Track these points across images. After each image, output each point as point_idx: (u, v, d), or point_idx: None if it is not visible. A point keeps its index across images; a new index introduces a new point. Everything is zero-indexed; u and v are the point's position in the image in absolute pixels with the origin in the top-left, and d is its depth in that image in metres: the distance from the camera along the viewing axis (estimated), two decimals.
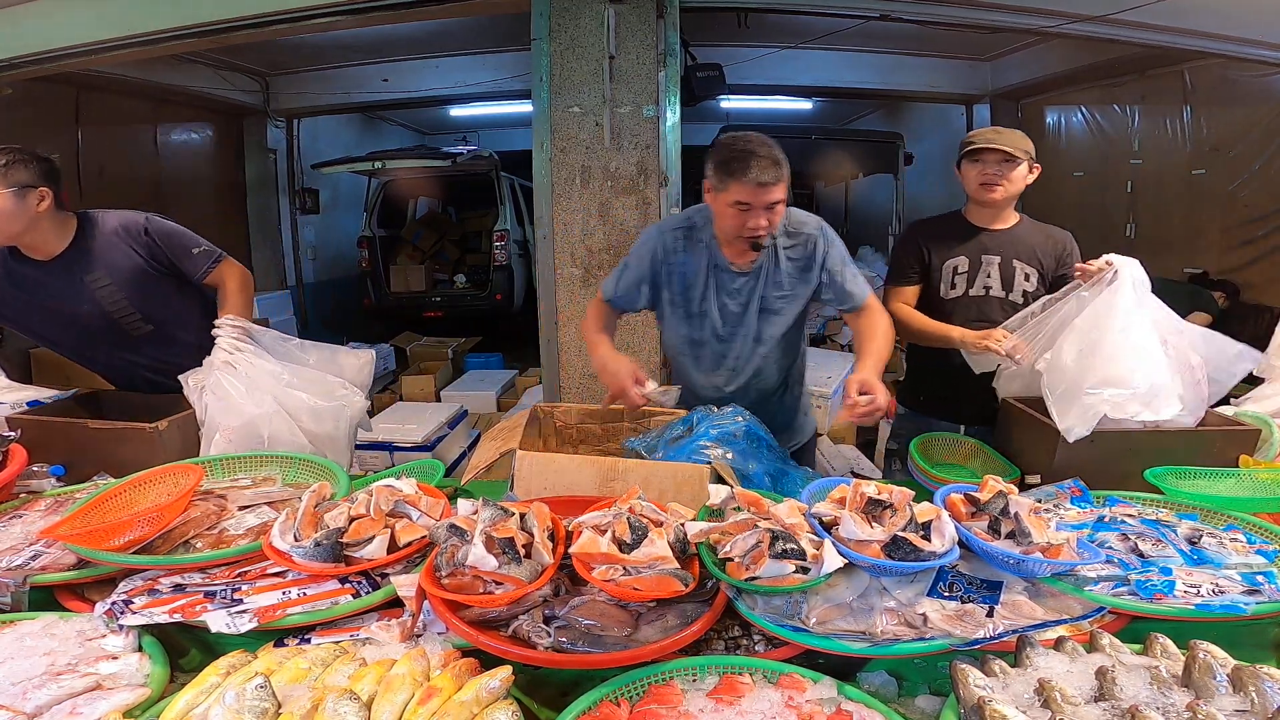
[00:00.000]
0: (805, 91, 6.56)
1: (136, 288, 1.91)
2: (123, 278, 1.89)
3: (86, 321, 1.91)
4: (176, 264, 1.94)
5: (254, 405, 1.67)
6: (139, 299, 1.92)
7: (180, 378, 1.75)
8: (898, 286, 2.13)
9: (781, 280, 1.84)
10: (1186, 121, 4.94)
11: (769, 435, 1.66)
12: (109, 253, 1.88)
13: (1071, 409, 1.53)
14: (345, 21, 3.49)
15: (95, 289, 1.87)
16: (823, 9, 3.70)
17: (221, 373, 1.69)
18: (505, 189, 7.31)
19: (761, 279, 1.83)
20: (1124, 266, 1.65)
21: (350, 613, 1.08)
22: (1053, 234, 2.08)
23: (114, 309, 1.90)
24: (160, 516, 1.24)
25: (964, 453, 1.86)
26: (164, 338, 1.98)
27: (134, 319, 1.93)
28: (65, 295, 1.87)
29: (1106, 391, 1.51)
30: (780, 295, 1.85)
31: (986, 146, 1.94)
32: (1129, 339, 1.56)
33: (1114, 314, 1.59)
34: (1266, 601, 1.06)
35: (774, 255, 1.83)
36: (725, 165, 1.65)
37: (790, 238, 1.83)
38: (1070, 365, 1.59)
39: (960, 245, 2.07)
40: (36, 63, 3.82)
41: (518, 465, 1.44)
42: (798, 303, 1.88)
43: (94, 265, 1.87)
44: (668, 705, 0.89)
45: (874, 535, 1.07)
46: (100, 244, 1.88)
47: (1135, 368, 1.53)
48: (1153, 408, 1.50)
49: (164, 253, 1.92)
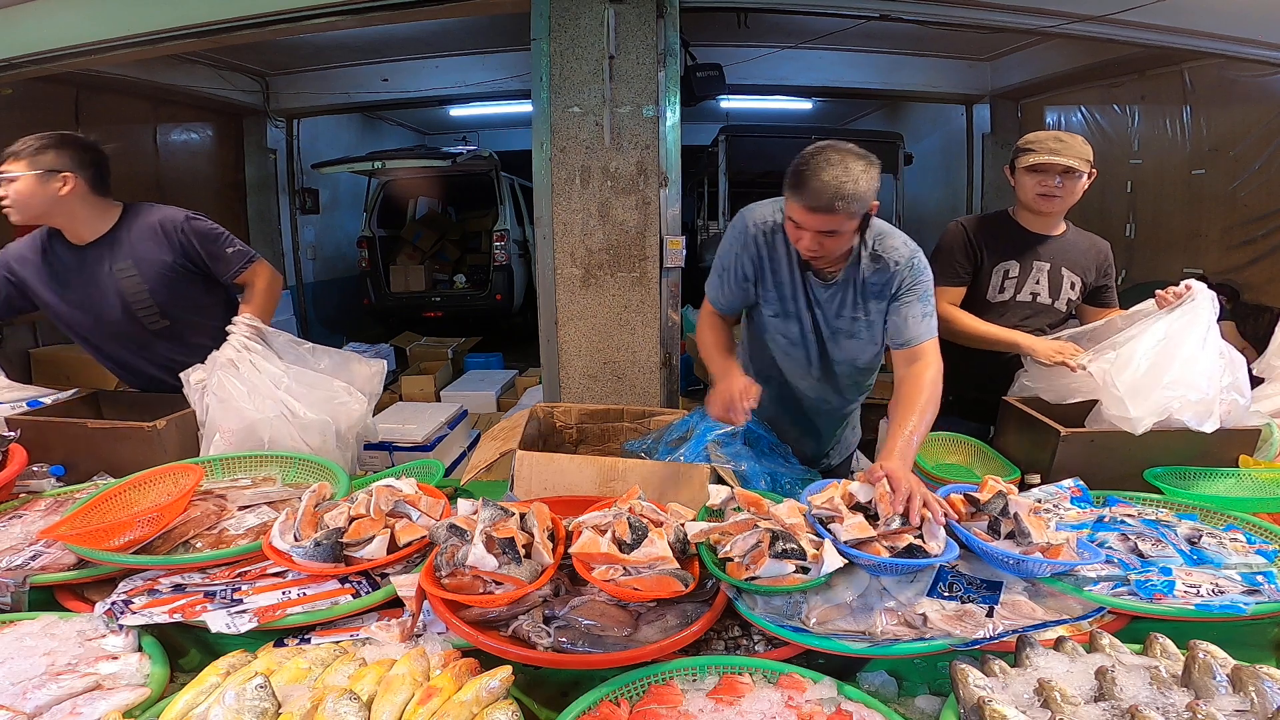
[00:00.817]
0: (805, 91, 6.55)
1: (161, 282, 1.93)
2: (150, 270, 1.91)
3: (105, 309, 1.93)
4: (208, 264, 1.97)
5: (254, 408, 1.66)
6: (161, 293, 1.93)
7: (182, 375, 1.75)
8: (945, 286, 2.03)
9: (858, 302, 1.68)
10: (1186, 121, 4.93)
11: (770, 435, 1.67)
12: (142, 244, 1.91)
13: (1144, 402, 1.55)
14: (345, 21, 3.48)
15: (120, 278, 1.90)
16: (823, 9, 3.69)
17: (224, 372, 1.69)
18: (505, 189, 7.31)
19: (842, 296, 1.68)
20: (1205, 290, 1.67)
21: (350, 613, 1.08)
22: (1096, 243, 2.06)
23: (134, 299, 1.92)
24: (160, 517, 1.24)
25: (964, 453, 1.86)
26: (178, 336, 1.99)
27: (152, 312, 1.95)
28: (91, 280, 1.91)
29: (1180, 390, 1.54)
30: (855, 318, 1.70)
31: (1050, 162, 1.88)
32: (1205, 352, 1.59)
33: (1195, 329, 1.62)
34: (1266, 601, 1.06)
35: (857, 274, 1.66)
36: (791, 176, 1.49)
37: (875, 261, 1.65)
38: (1143, 365, 1.61)
39: (1012, 249, 2.02)
40: (36, 63, 3.81)
41: (518, 465, 1.44)
42: (871, 331, 1.73)
43: (124, 254, 1.90)
44: (668, 705, 0.89)
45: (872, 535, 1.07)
46: (135, 234, 1.91)
47: (1205, 379, 1.56)
48: (1202, 419, 1.53)
49: (197, 251, 1.95)
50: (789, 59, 5.65)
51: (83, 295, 1.92)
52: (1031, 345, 1.87)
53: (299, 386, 1.75)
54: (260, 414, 1.67)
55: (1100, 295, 2.08)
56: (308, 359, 1.83)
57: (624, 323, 3.18)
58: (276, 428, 1.68)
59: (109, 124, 5.36)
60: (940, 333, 2.11)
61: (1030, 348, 1.87)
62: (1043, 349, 1.84)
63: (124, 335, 1.97)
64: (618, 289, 3.14)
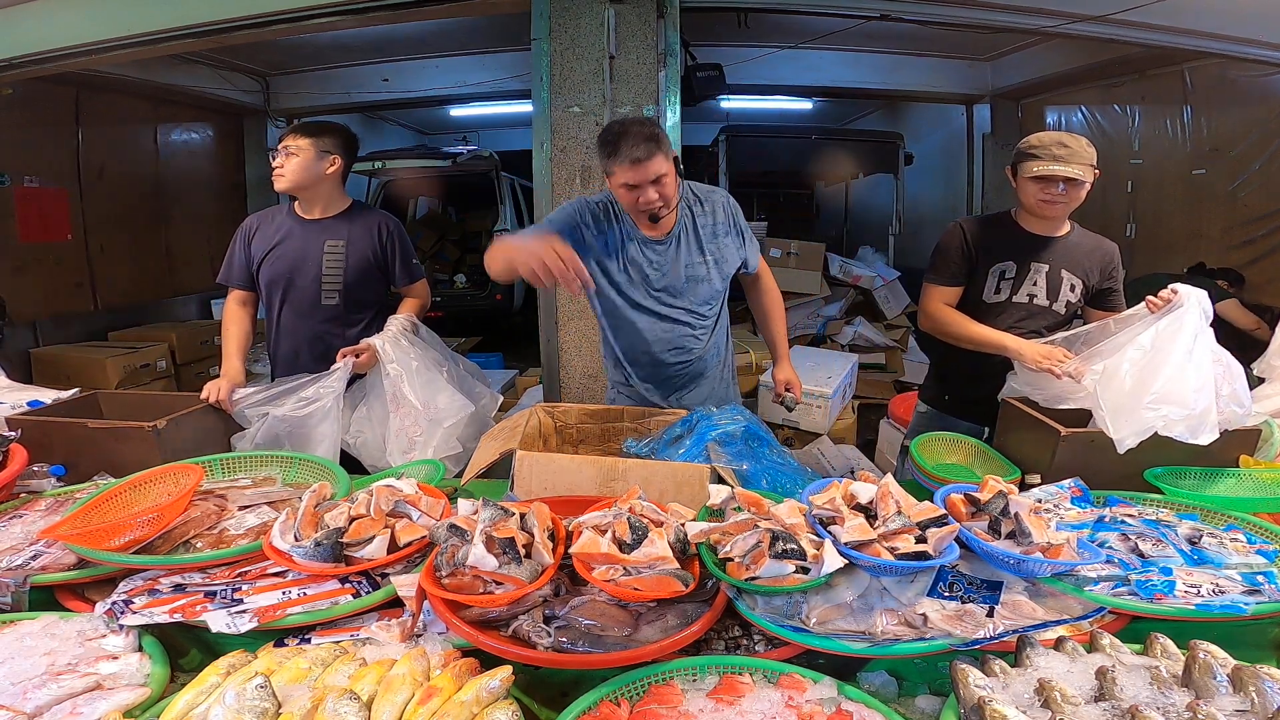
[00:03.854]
0: (805, 91, 6.55)
1: (357, 266, 2.16)
2: (354, 253, 2.16)
3: (299, 274, 2.15)
4: (394, 264, 2.23)
5: (420, 381, 1.96)
6: (351, 274, 2.16)
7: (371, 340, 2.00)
8: (940, 286, 2.06)
9: (703, 246, 1.92)
10: (1186, 121, 4.93)
11: (769, 435, 1.67)
12: (358, 232, 2.17)
13: (1127, 422, 1.52)
14: (345, 21, 3.48)
15: (327, 251, 2.15)
16: (823, 9, 3.69)
17: (394, 345, 1.98)
18: (505, 189, 7.31)
19: (679, 247, 1.90)
20: (1192, 295, 1.63)
21: (350, 613, 1.08)
22: (1103, 245, 2.04)
23: (327, 270, 2.14)
24: (160, 517, 1.24)
25: (964, 453, 1.86)
26: (338, 319, 2.18)
27: (334, 285, 2.16)
28: (302, 248, 2.15)
29: (1164, 409, 1.50)
30: (701, 261, 1.92)
31: (1055, 173, 1.85)
32: (1193, 362, 1.56)
33: (1181, 337, 1.58)
34: (1266, 601, 1.06)
35: (690, 223, 1.91)
36: (604, 149, 1.72)
37: (701, 205, 1.93)
38: (1128, 380, 1.58)
39: (1010, 250, 2.01)
40: (36, 63, 3.81)
41: (518, 465, 1.44)
42: (721, 268, 1.95)
43: (341, 234, 2.16)
44: (668, 705, 0.89)
45: (873, 536, 1.07)
46: (357, 224, 2.19)
47: (1194, 391, 1.52)
48: (1195, 432, 1.50)
49: (396, 249, 2.22)
50: (789, 59, 5.64)
51: (290, 256, 2.15)
52: (1019, 349, 1.85)
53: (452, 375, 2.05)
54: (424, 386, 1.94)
55: (1105, 298, 2.05)
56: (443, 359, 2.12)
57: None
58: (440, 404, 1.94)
59: (109, 124, 5.36)
60: (932, 333, 2.12)
61: (1017, 352, 1.85)
62: (1029, 353, 1.81)
63: (295, 298, 2.17)
64: None
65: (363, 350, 1.98)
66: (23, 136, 4.68)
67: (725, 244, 1.95)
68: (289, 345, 2.20)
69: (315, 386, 1.93)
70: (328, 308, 2.16)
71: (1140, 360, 1.60)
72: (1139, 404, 1.52)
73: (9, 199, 4.62)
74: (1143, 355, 1.60)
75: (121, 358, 4.66)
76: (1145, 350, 1.60)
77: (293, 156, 2.08)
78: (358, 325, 2.18)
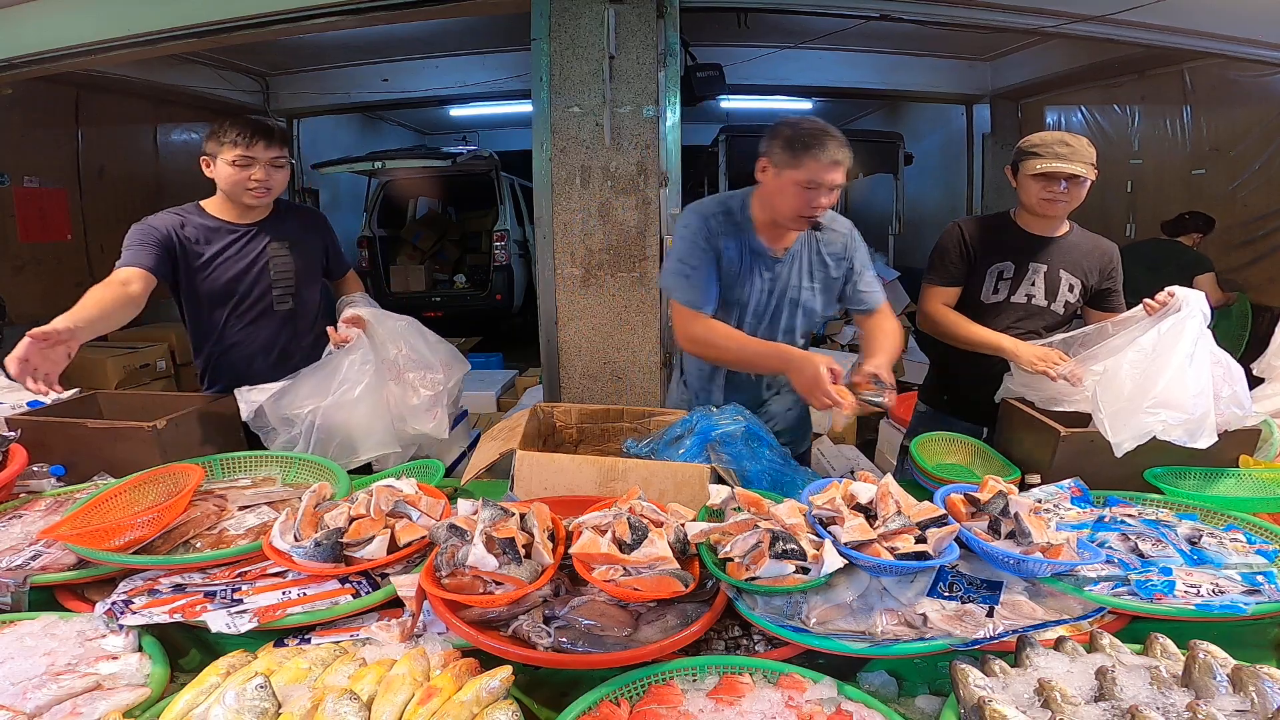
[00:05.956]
0: (805, 91, 6.55)
1: (306, 265, 2.08)
2: (300, 253, 2.07)
3: (241, 282, 1.99)
4: (331, 257, 2.18)
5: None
6: (301, 275, 2.07)
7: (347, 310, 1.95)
8: (939, 287, 2.06)
9: (813, 271, 1.84)
10: (1186, 121, 4.93)
11: (769, 435, 1.66)
12: (299, 230, 2.08)
13: (1126, 425, 1.52)
14: (345, 21, 3.49)
15: (273, 255, 2.03)
16: (823, 9, 3.69)
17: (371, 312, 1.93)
18: (505, 189, 7.31)
19: (795, 267, 1.82)
20: (1191, 298, 1.63)
21: (350, 613, 1.08)
22: (1101, 245, 2.04)
23: (277, 275, 2.03)
24: (160, 517, 1.23)
25: (964, 453, 1.86)
26: (291, 323, 2.08)
27: (286, 289, 2.05)
28: (243, 256, 1.99)
29: (1163, 413, 1.50)
30: (810, 286, 1.85)
31: (1058, 170, 1.85)
32: (1193, 367, 1.55)
33: (1182, 342, 1.57)
34: (1266, 601, 1.06)
35: (810, 244, 1.83)
36: (798, 142, 1.62)
37: (825, 231, 1.84)
38: (1128, 383, 1.57)
39: (1008, 250, 2.01)
40: (36, 63, 3.81)
41: (518, 465, 1.44)
42: (825, 296, 1.88)
43: (283, 235, 2.04)
44: (668, 705, 0.89)
45: (873, 536, 1.07)
46: (294, 222, 2.09)
47: (1193, 396, 1.52)
48: (1194, 436, 1.50)
49: (332, 242, 2.18)
50: (789, 59, 5.65)
51: (231, 267, 1.98)
52: (1015, 351, 1.84)
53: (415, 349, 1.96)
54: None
55: (1105, 299, 2.05)
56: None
57: (624, 323, 3.18)
58: None
59: (109, 124, 5.37)
60: (930, 333, 2.12)
61: (1014, 353, 1.84)
62: (1025, 355, 1.81)
63: (248, 310, 2.02)
64: (618, 289, 3.14)
65: (353, 323, 1.88)
66: (22, 136, 4.69)
67: (835, 274, 1.86)
68: (240, 354, 2.04)
69: (344, 369, 1.80)
70: (280, 313, 2.05)
71: (1140, 363, 1.59)
72: (1138, 408, 1.52)
73: (9, 199, 4.62)
74: (1143, 358, 1.60)
75: (121, 358, 4.66)
76: (1146, 353, 1.60)
77: (280, 170, 1.95)
78: (310, 323, 2.10)
